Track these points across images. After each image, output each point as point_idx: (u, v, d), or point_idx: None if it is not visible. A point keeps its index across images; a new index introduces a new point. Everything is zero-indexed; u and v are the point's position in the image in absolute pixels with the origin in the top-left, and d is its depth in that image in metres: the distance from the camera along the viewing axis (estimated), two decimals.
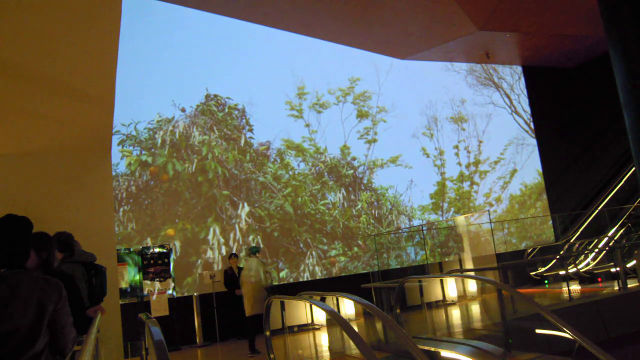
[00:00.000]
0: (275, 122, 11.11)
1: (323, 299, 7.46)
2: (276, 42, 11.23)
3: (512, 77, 14.09)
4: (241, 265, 9.15)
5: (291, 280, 10.34)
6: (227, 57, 10.89)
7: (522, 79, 14.04)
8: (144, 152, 9.84)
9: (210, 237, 9.89)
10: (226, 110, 10.76)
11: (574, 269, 10.52)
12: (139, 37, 9.95)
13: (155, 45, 10.30)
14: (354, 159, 11.86)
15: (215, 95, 10.70)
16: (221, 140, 10.51)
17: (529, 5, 10.23)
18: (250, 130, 10.85)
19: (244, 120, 10.85)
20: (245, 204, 10.34)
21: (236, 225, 10.15)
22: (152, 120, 10.03)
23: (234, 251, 9.55)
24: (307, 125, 11.45)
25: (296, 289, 8.64)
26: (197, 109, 10.47)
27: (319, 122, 11.58)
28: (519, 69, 14.03)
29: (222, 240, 9.96)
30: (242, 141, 10.73)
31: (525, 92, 13.96)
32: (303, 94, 11.54)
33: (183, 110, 10.31)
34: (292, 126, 11.31)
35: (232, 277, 8.82)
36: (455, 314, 9.12)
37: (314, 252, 10.75)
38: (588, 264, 10.91)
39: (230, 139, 10.62)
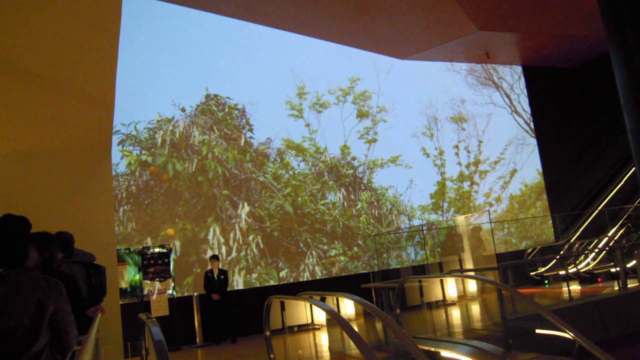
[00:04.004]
0: (275, 121, 11.11)
1: (323, 299, 7.46)
2: (276, 42, 11.23)
3: (512, 77, 14.09)
4: (223, 268, 8.98)
5: (291, 280, 10.34)
6: (227, 57, 10.88)
7: (522, 79, 14.04)
8: (144, 152, 9.84)
9: (210, 237, 9.89)
10: (226, 110, 10.76)
11: (574, 269, 10.52)
12: (139, 37, 9.95)
13: (156, 45, 10.29)
14: (354, 158, 11.86)
15: (215, 95, 10.70)
16: (221, 140, 10.51)
17: (529, 5, 10.23)
18: (250, 130, 10.85)
19: (244, 120, 10.85)
20: (245, 204, 10.34)
21: (236, 225, 10.15)
22: (152, 120, 10.03)
23: (234, 251, 9.54)
24: (307, 125, 11.45)
25: (296, 289, 8.63)
26: (197, 109, 10.47)
27: (319, 121, 11.58)
28: (519, 69, 14.03)
29: (222, 240, 9.96)
30: (242, 141, 10.73)
31: (525, 92, 13.96)
32: (303, 94, 11.54)
33: (183, 110, 10.31)
34: (292, 126, 11.31)
35: (211, 280, 8.66)
36: (455, 314, 9.12)
37: (313, 252, 10.75)
38: (588, 264, 10.91)
39: (230, 139, 10.62)
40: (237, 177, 10.44)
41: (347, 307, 8.94)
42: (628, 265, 9.31)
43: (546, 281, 11.09)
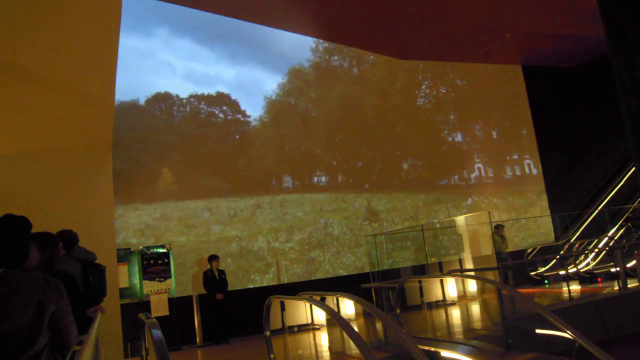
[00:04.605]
0: None
1: (323, 299, 7.47)
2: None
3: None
4: (221, 268, 8.94)
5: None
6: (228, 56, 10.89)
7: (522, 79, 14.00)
8: None
9: None
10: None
11: (574, 269, 10.52)
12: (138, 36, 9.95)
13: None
14: None
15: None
16: None
17: (529, 5, 10.22)
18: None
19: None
20: None
21: None
22: None
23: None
24: None
25: (296, 289, 8.63)
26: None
27: None
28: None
29: None
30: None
31: (525, 92, 13.92)
32: None
33: None
34: None
35: (212, 279, 8.68)
36: (455, 314, 9.12)
37: None
38: (588, 264, 10.90)
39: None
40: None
41: (347, 307, 8.93)
42: (628, 265, 9.31)
43: (546, 281, 11.09)
